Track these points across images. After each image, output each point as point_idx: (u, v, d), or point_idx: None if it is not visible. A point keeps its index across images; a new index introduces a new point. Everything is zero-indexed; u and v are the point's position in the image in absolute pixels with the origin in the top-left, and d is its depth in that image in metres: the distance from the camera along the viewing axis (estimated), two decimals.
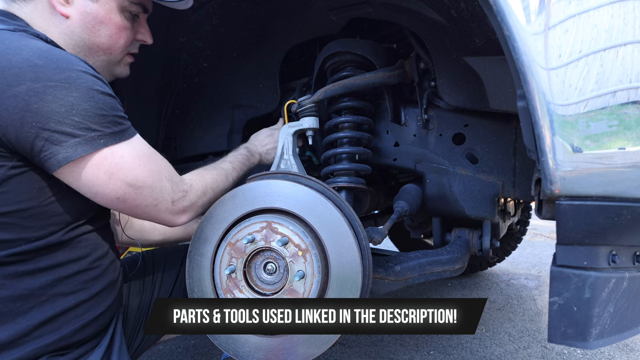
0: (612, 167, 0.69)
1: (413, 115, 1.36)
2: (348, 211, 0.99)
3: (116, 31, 0.94)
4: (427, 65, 1.22)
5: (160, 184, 0.88)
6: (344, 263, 0.92)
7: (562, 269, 0.75)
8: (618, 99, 0.67)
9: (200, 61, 1.48)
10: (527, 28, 0.67)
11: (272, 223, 0.93)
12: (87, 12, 0.89)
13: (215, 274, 0.98)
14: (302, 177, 1.03)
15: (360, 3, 1.20)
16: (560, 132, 0.68)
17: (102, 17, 0.91)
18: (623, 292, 0.75)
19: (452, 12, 0.99)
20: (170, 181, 0.91)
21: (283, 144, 1.25)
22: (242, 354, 0.97)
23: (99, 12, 0.90)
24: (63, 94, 0.72)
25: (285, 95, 1.52)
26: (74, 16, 0.89)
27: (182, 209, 0.93)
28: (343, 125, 1.28)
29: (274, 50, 1.44)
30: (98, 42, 0.93)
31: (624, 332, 0.78)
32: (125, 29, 0.96)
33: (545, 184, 0.71)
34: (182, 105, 1.58)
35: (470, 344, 1.87)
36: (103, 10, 0.91)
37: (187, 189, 0.95)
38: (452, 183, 1.28)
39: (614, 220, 0.71)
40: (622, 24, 0.66)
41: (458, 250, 1.25)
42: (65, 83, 0.73)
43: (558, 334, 0.75)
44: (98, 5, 0.90)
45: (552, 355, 1.76)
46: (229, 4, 1.31)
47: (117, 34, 0.94)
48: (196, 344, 1.95)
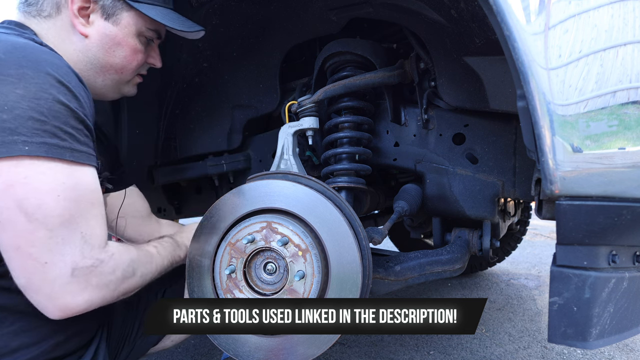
0: (612, 167, 0.69)
1: (413, 115, 1.36)
2: (348, 211, 0.99)
3: (130, 54, 0.98)
4: (427, 65, 1.22)
5: (70, 235, 0.69)
6: (344, 263, 0.92)
7: (562, 269, 0.75)
8: (618, 99, 0.67)
9: (200, 61, 1.48)
10: (527, 28, 0.67)
11: (272, 223, 0.93)
12: (106, 34, 0.93)
13: (215, 274, 0.98)
14: (302, 177, 1.03)
15: (360, 3, 1.20)
16: (560, 132, 0.68)
17: (119, 39, 0.95)
18: (623, 292, 0.75)
19: (452, 12, 0.99)
20: (84, 240, 0.71)
21: (283, 144, 1.25)
22: (242, 354, 0.97)
23: (117, 35, 0.94)
24: (6, 89, 0.66)
25: (285, 95, 1.52)
26: (92, 36, 0.92)
27: (83, 285, 0.70)
28: (343, 125, 1.28)
29: (274, 50, 1.44)
30: (112, 61, 0.96)
31: (624, 332, 0.78)
32: (139, 52, 1.00)
33: (545, 184, 0.71)
34: (182, 105, 1.58)
35: (470, 344, 1.87)
36: (121, 34, 0.95)
37: (105, 258, 0.75)
38: (452, 183, 1.28)
39: (614, 220, 0.70)
40: (622, 24, 0.66)
41: (458, 250, 1.25)
42: (15, 78, 0.67)
43: (558, 334, 0.75)
44: (117, 28, 0.94)
45: (552, 355, 1.76)
46: (229, 4, 1.31)
47: (131, 56, 0.98)
48: (196, 344, 1.95)
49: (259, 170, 1.58)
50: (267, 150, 1.58)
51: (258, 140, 1.61)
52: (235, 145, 1.58)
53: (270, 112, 1.53)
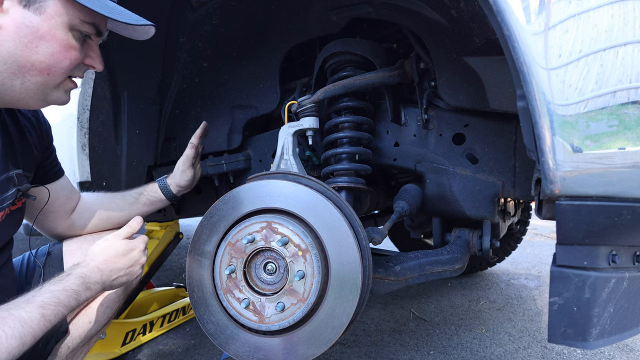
0: (612, 167, 0.69)
1: (413, 115, 1.36)
2: (348, 211, 0.99)
3: (60, 50, 0.81)
4: (427, 65, 1.22)
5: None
6: (344, 263, 0.92)
7: (562, 269, 0.75)
8: (618, 99, 0.67)
9: (200, 61, 1.48)
10: (527, 28, 0.68)
11: (272, 223, 0.93)
12: (25, 25, 0.77)
13: (216, 274, 0.98)
14: (302, 177, 1.03)
15: (360, 3, 1.20)
16: (560, 132, 0.68)
17: (43, 32, 0.79)
18: (623, 292, 0.75)
19: (452, 12, 0.99)
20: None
21: (283, 144, 1.25)
22: (242, 354, 0.97)
23: (40, 26, 0.78)
24: None
25: (285, 95, 1.52)
26: (7, 27, 0.76)
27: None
28: (343, 125, 1.28)
29: (274, 50, 1.44)
30: (34, 59, 0.79)
31: (624, 332, 0.78)
32: (71, 48, 0.83)
33: (545, 184, 0.71)
34: (182, 105, 1.58)
35: (470, 344, 1.87)
36: (46, 25, 0.79)
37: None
38: (452, 183, 1.28)
39: (614, 220, 0.70)
40: (622, 24, 0.66)
41: (458, 250, 1.25)
42: None
43: (558, 334, 0.75)
44: (41, 18, 0.78)
45: (552, 355, 1.75)
46: (229, 4, 1.31)
47: (60, 53, 0.82)
48: (196, 344, 1.95)
49: (259, 170, 1.58)
50: (267, 150, 1.58)
51: (258, 140, 1.61)
52: (235, 145, 1.58)
53: (270, 112, 1.53)
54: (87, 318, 1.14)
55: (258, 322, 0.94)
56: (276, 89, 1.48)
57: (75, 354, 1.14)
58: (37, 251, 1.20)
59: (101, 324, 1.17)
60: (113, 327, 1.78)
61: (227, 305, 0.97)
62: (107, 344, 1.76)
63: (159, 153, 1.61)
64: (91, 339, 1.18)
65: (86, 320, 1.14)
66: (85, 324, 1.13)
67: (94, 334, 1.16)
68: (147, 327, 1.97)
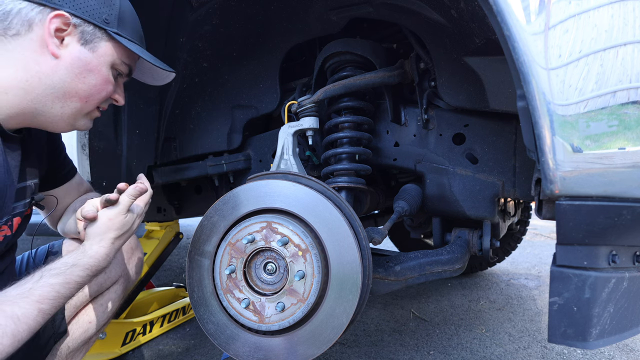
0: (612, 167, 0.69)
1: (413, 115, 1.36)
2: (348, 211, 0.99)
3: (101, 82, 0.95)
4: (427, 65, 1.22)
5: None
6: (344, 263, 0.92)
7: (562, 269, 0.75)
8: (618, 99, 0.67)
9: (200, 61, 1.48)
10: (527, 28, 0.68)
11: (272, 223, 0.93)
12: (80, 58, 0.90)
13: (216, 274, 0.98)
14: (302, 177, 1.03)
15: (360, 3, 1.20)
16: (560, 132, 0.68)
17: (92, 66, 0.92)
18: (623, 292, 0.75)
19: (452, 12, 0.99)
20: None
21: (283, 144, 1.25)
22: (242, 354, 0.97)
23: (92, 61, 0.92)
24: None
25: (285, 95, 1.52)
26: (64, 58, 0.89)
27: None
28: (343, 125, 1.28)
29: (274, 50, 1.44)
30: (79, 87, 0.92)
31: (624, 332, 0.78)
32: (109, 83, 0.97)
33: (545, 184, 0.71)
34: (182, 105, 1.58)
35: (470, 344, 1.87)
36: (96, 61, 0.93)
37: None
38: (452, 183, 1.28)
39: (614, 220, 0.70)
40: (622, 24, 0.66)
41: (458, 250, 1.25)
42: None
43: (558, 334, 0.75)
44: (93, 55, 0.92)
45: (552, 355, 1.75)
46: (229, 4, 1.31)
47: (101, 85, 0.96)
48: (196, 344, 1.95)
49: (259, 170, 1.58)
50: (267, 150, 1.58)
51: (258, 140, 1.61)
52: (235, 145, 1.58)
53: (270, 112, 1.53)
54: (87, 318, 1.14)
55: (258, 322, 0.94)
56: (276, 89, 1.48)
57: (75, 354, 1.14)
58: (36, 251, 1.21)
59: (101, 323, 1.17)
60: (113, 327, 1.78)
61: (227, 305, 0.97)
62: (107, 344, 1.76)
63: (159, 153, 1.61)
64: (91, 338, 1.18)
65: (86, 320, 1.14)
66: (85, 324, 1.14)
67: (93, 333, 1.17)
68: (147, 327, 1.97)
